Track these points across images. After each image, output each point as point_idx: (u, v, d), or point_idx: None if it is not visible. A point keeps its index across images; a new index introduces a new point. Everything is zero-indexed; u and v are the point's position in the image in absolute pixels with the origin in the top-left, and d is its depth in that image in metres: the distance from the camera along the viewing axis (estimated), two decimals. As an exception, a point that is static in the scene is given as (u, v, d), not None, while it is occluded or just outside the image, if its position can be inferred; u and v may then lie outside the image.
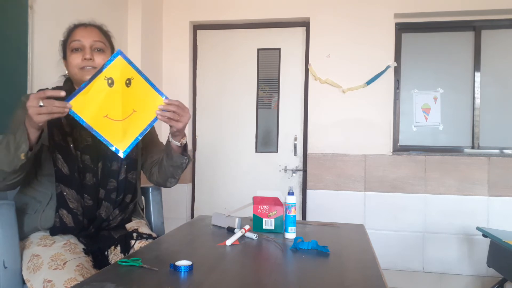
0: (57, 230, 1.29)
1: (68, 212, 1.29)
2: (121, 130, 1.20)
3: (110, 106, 1.17)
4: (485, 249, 2.47)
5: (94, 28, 1.41)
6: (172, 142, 1.38)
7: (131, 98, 1.21)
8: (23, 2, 1.83)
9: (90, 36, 1.37)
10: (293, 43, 3.09)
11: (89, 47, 1.36)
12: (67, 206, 1.30)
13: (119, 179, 1.41)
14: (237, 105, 3.15)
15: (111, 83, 1.17)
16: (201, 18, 3.11)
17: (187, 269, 1.00)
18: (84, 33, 1.37)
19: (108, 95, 1.17)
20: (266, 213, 1.46)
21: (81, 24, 1.40)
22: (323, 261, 1.14)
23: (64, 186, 1.30)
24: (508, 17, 2.86)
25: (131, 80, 1.22)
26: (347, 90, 2.91)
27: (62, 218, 1.29)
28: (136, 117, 1.23)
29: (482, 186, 2.77)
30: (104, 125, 1.16)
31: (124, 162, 1.43)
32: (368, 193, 2.89)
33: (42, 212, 1.30)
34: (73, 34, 1.38)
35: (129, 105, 1.21)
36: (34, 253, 1.23)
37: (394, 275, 2.83)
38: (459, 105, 2.96)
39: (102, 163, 1.39)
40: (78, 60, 1.35)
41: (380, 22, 2.89)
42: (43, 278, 1.14)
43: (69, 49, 1.37)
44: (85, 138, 1.36)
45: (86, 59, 1.34)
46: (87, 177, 1.35)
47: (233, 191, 3.13)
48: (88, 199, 1.34)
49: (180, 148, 1.41)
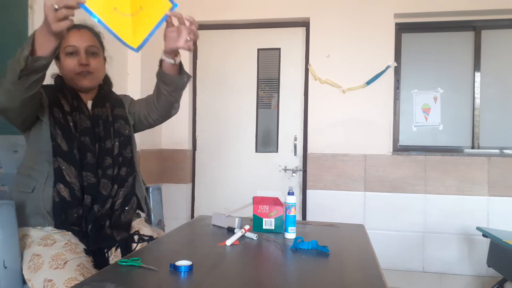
0: (57, 208, 1.29)
1: (65, 186, 1.30)
2: (131, 27, 1.17)
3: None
4: (485, 249, 2.47)
5: (87, 30, 1.42)
6: (166, 60, 1.36)
7: None
8: (23, 2, 1.83)
9: (84, 41, 1.39)
10: (293, 43, 3.09)
11: (84, 52, 1.38)
12: (65, 180, 1.30)
13: (114, 155, 1.44)
14: (237, 105, 3.15)
15: None
16: (201, 18, 3.11)
17: (187, 269, 1.00)
18: (78, 37, 1.38)
19: None
20: (266, 213, 1.46)
21: (73, 27, 1.35)
22: (323, 261, 1.14)
23: (62, 161, 1.31)
24: (508, 17, 2.86)
25: None
26: (347, 90, 2.91)
27: (60, 192, 1.29)
28: (143, 14, 1.21)
29: (482, 186, 2.77)
30: (114, 20, 1.14)
31: (117, 139, 1.46)
32: (368, 193, 2.89)
33: (42, 191, 1.30)
34: (67, 37, 1.36)
35: (136, 1, 1.19)
36: (35, 252, 1.23)
37: (394, 275, 2.83)
38: (459, 105, 2.96)
39: (98, 144, 1.41)
40: (74, 65, 1.37)
41: (380, 22, 2.89)
42: (43, 278, 1.14)
43: (63, 53, 1.38)
44: (84, 121, 1.39)
45: (82, 65, 1.36)
46: (87, 156, 1.37)
47: (233, 191, 3.13)
48: (91, 176, 1.36)
49: (176, 66, 1.40)
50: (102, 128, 1.43)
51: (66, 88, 1.42)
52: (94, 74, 1.41)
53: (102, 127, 1.44)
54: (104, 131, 1.44)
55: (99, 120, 1.44)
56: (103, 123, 1.44)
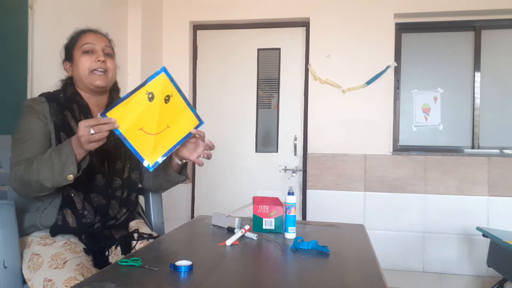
0: (58, 229, 1.29)
1: (73, 212, 1.30)
2: (153, 144, 1.22)
3: (146, 119, 1.20)
4: (485, 249, 2.47)
5: (102, 35, 1.45)
6: (174, 159, 1.41)
7: (167, 114, 1.25)
8: (23, 2, 1.83)
9: (101, 41, 1.41)
10: (293, 43, 3.09)
11: (101, 50, 1.39)
12: (74, 207, 1.30)
13: (123, 178, 1.45)
14: (237, 105, 3.15)
15: (151, 97, 1.20)
16: (201, 18, 3.11)
17: (187, 269, 1.00)
18: (95, 37, 1.40)
19: (147, 109, 1.19)
20: (266, 213, 1.46)
21: (90, 30, 1.43)
22: (323, 261, 1.14)
23: (72, 189, 1.29)
24: (508, 17, 2.86)
25: (170, 97, 1.25)
26: (347, 90, 2.91)
27: (65, 217, 1.29)
28: (168, 132, 1.26)
29: (482, 186, 2.77)
30: (138, 137, 1.19)
31: (128, 161, 1.46)
32: (368, 193, 2.89)
33: (43, 209, 1.30)
34: (83, 37, 1.39)
35: (164, 120, 1.24)
36: (35, 252, 1.24)
37: (394, 275, 2.83)
38: (459, 105, 2.96)
39: (107, 163, 1.41)
40: (91, 62, 1.36)
41: (380, 22, 2.89)
42: (43, 277, 1.14)
43: (78, 51, 1.38)
44: None
45: (100, 61, 1.36)
46: (97, 178, 1.36)
47: (233, 191, 3.13)
48: (101, 198, 1.35)
49: (180, 166, 1.44)
50: (112, 145, 1.41)
51: (75, 98, 1.38)
52: (108, 73, 1.40)
53: (113, 145, 1.41)
54: (115, 150, 1.42)
55: (110, 137, 1.36)
56: (114, 141, 1.41)
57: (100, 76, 1.37)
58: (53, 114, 1.32)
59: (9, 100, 1.76)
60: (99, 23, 2.41)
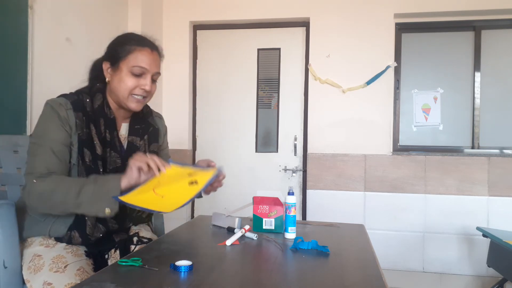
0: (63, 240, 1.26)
1: (80, 235, 1.25)
2: (163, 200, 1.15)
3: (165, 185, 1.16)
4: (485, 249, 2.47)
5: (157, 54, 1.34)
6: None
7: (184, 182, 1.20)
8: (23, 2, 1.83)
9: (155, 66, 1.31)
10: (293, 43, 3.09)
11: (151, 77, 1.31)
12: (83, 230, 1.25)
13: None
14: (237, 105, 3.15)
15: (192, 182, 1.17)
16: (201, 18, 3.11)
17: (187, 269, 1.00)
18: (151, 60, 1.30)
19: (174, 180, 1.17)
20: (266, 213, 1.46)
21: (147, 44, 1.31)
22: (323, 261, 1.14)
23: None
24: (508, 17, 2.86)
25: (194, 183, 1.20)
26: (347, 90, 2.91)
27: (72, 239, 1.25)
28: (192, 188, 1.20)
29: (482, 186, 2.77)
30: (148, 198, 1.14)
31: None
32: (368, 193, 2.89)
33: (52, 223, 1.25)
34: (138, 54, 1.28)
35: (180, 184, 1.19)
36: (36, 253, 1.23)
37: (394, 275, 2.83)
38: (459, 105, 2.96)
39: None
40: (135, 86, 1.28)
41: (380, 22, 2.89)
42: (43, 280, 1.14)
43: (127, 67, 1.27)
44: (114, 160, 1.32)
45: (145, 90, 1.29)
46: None
47: (233, 191, 3.12)
48: (113, 223, 1.32)
49: None
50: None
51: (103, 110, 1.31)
52: (147, 98, 1.35)
53: None
54: None
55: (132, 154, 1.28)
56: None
57: (139, 101, 1.31)
58: (78, 126, 1.25)
59: (9, 100, 1.76)
60: (99, 23, 2.43)
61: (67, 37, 2.13)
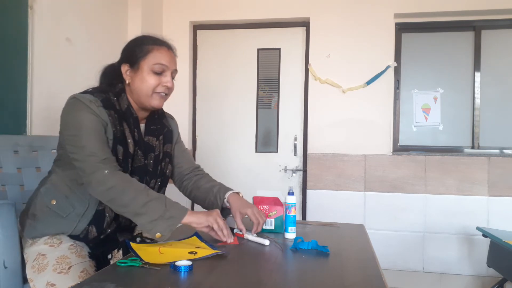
0: (74, 237, 1.27)
1: (97, 230, 1.27)
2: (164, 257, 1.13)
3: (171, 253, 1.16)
4: (485, 249, 2.47)
5: (173, 53, 1.39)
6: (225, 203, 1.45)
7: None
8: (23, 2, 1.83)
9: (173, 63, 1.36)
10: (293, 43, 3.09)
11: (171, 74, 1.35)
12: (101, 225, 1.27)
13: None
14: (237, 105, 3.15)
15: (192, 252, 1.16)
16: (201, 18, 3.11)
17: (187, 269, 1.00)
18: (169, 58, 1.34)
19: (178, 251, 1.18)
20: (266, 213, 1.46)
21: (164, 43, 1.37)
22: (323, 261, 1.14)
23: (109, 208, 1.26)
24: (508, 17, 2.86)
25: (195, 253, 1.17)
26: (347, 90, 2.91)
27: (89, 234, 1.26)
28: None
29: (482, 186, 2.77)
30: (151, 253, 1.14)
31: (159, 179, 1.43)
32: (368, 193, 2.89)
33: (77, 222, 1.25)
34: (157, 53, 1.32)
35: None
36: (41, 252, 1.22)
37: (394, 275, 2.83)
38: (459, 105, 2.96)
39: (145, 182, 1.36)
40: (157, 83, 1.31)
41: (380, 22, 2.89)
42: (46, 281, 1.14)
43: (147, 66, 1.30)
44: (140, 159, 1.33)
45: (167, 87, 1.33)
46: None
47: (233, 191, 3.12)
48: (124, 219, 1.33)
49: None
50: (152, 165, 1.38)
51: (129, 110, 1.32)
52: (168, 95, 1.38)
53: (152, 164, 1.38)
54: (153, 168, 1.39)
55: (150, 154, 1.36)
56: (154, 160, 1.38)
57: (161, 98, 1.34)
58: (112, 122, 1.25)
59: (9, 100, 1.76)
60: (99, 23, 2.43)
61: (67, 37, 2.13)
